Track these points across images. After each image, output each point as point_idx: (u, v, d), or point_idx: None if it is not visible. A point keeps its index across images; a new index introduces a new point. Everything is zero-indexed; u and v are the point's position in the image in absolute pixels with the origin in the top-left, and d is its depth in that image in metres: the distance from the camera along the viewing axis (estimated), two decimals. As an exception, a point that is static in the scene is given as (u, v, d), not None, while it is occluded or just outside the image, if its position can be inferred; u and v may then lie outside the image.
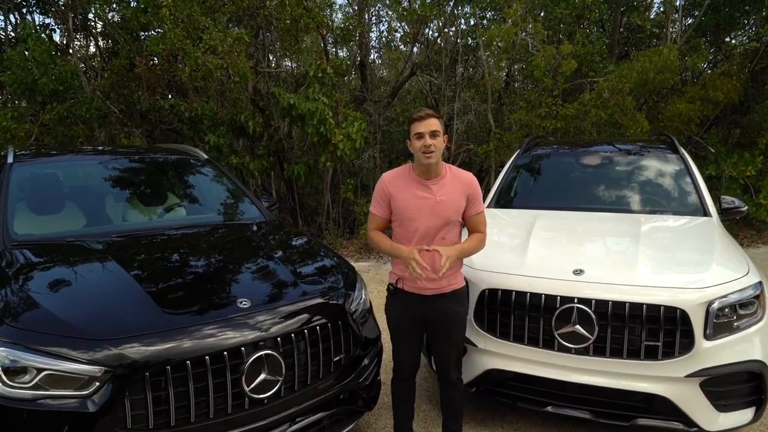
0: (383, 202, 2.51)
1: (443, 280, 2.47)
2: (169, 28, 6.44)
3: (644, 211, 3.74)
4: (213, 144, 7.02)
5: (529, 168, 4.55)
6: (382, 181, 2.52)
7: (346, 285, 2.83)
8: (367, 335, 2.86)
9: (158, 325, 2.10)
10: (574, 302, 2.66)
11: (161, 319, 2.13)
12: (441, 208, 2.41)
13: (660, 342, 2.55)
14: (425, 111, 2.39)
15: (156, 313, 2.16)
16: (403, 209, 2.44)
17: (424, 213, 2.41)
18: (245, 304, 2.32)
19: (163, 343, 2.05)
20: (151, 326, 2.09)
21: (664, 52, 7.37)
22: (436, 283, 2.46)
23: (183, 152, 4.15)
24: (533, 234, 3.29)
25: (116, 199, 3.43)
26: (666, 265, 2.81)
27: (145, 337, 2.04)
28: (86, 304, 2.19)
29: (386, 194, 2.48)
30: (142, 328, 2.07)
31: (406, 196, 2.44)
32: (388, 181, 2.50)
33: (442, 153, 2.44)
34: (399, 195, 2.45)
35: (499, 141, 8.50)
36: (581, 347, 2.65)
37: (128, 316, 2.12)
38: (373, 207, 2.56)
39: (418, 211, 2.41)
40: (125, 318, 2.11)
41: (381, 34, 11.62)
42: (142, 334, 2.05)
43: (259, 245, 2.97)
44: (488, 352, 2.90)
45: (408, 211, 2.42)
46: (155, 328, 2.08)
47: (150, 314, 2.15)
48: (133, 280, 2.36)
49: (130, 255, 2.67)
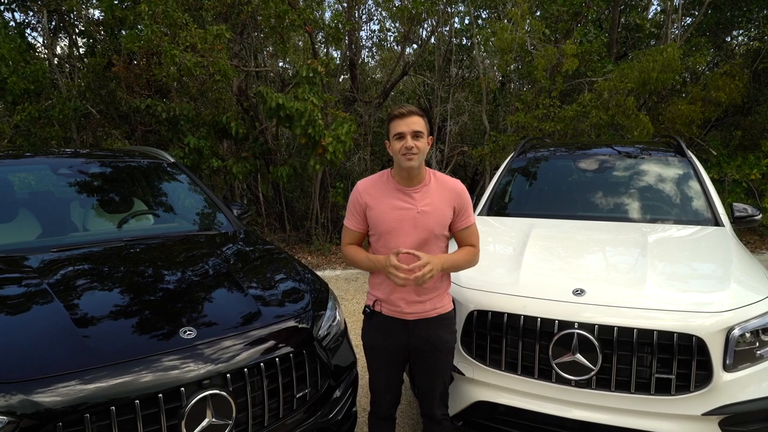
0: (358, 214, 2.20)
1: (427, 303, 2.16)
2: (145, 24, 6.10)
3: (650, 219, 3.41)
4: (193, 146, 6.67)
5: (524, 172, 4.22)
6: (356, 191, 2.20)
7: (316, 306, 2.48)
8: (339, 363, 2.52)
9: (79, 362, 1.75)
10: (574, 327, 2.32)
11: (84, 355, 1.78)
12: (424, 220, 2.10)
13: (673, 374, 2.22)
14: (407, 107, 2.07)
15: (78, 347, 1.81)
16: (381, 222, 2.12)
17: (405, 225, 2.09)
18: (190, 334, 1.98)
19: (82, 384, 1.70)
20: (69, 364, 1.74)
21: (668, 51, 7.06)
22: (419, 306, 2.14)
23: (146, 155, 3.80)
24: (528, 246, 2.95)
25: (62, 207, 3.09)
26: (678, 284, 2.48)
27: (61, 379, 1.69)
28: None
29: (361, 205, 2.18)
30: (59, 366, 1.73)
31: (384, 206, 2.12)
32: (363, 190, 2.18)
33: (426, 156, 2.11)
34: (375, 205, 2.14)
35: (494, 143, 8.18)
36: (583, 379, 2.31)
37: (43, 352, 1.77)
38: (347, 220, 2.26)
39: (397, 222, 2.10)
40: (39, 355, 1.76)
41: (372, 33, 11.31)
42: (58, 374, 1.70)
43: (217, 261, 2.62)
44: (477, 381, 2.56)
45: (386, 224, 2.11)
46: (75, 367, 1.73)
47: (71, 349, 1.80)
48: (60, 305, 2.02)
49: (64, 273, 2.31)
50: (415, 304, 2.14)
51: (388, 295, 2.16)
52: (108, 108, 7.68)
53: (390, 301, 2.17)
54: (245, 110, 7.88)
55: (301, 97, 6.53)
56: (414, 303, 2.14)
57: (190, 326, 2.01)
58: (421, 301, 2.14)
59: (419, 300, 2.14)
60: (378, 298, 2.20)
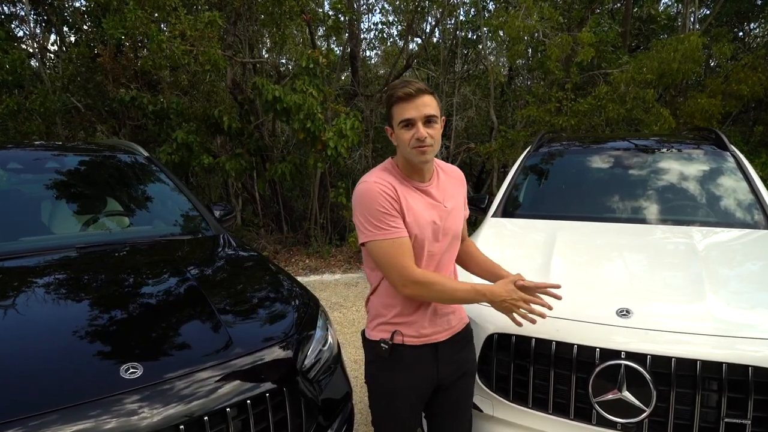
0: (399, 214, 1.57)
1: (451, 315, 1.72)
2: (129, 9, 5.66)
3: (694, 223, 2.95)
4: (182, 141, 6.23)
5: (544, 168, 3.75)
6: (380, 186, 1.56)
7: (302, 327, 2.05)
8: (331, 395, 2.08)
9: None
10: (620, 357, 1.87)
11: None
12: (452, 220, 1.69)
13: (748, 419, 1.76)
14: (414, 84, 1.54)
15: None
16: (421, 225, 1.60)
17: (438, 228, 1.65)
18: (134, 372, 1.54)
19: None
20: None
21: (690, 39, 6.58)
22: (443, 322, 1.70)
23: (118, 149, 3.37)
24: (555, 254, 2.50)
25: (14, 207, 2.65)
26: (747, 302, 2.02)
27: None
28: None
29: (397, 200, 1.57)
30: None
31: (418, 205, 1.61)
32: (387, 184, 1.57)
33: (440, 144, 1.64)
34: (410, 204, 1.60)
35: (503, 139, 7.71)
36: (632, 422, 1.86)
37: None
38: (384, 229, 1.55)
39: (432, 225, 1.63)
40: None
41: (375, 25, 10.87)
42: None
43: (184, 274, 2.18)
44: (497, 420, 2.11)
45: (427, 228, 1.61)
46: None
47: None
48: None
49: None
50: (440, 318, 1.68)
51: (408, 318, 1.66)
52: (95, 102, 7.26)
53: (412, 324, 1.66)
54: (240, 104, 7.44)
55: (299, 90, 6.09)
56: (438, 318, 1.68)
57: (135, 362, 1.57)
58: (445, 314, 1.70)
59: (444, 313, 1.69)
60: (398, 327, 1.66)
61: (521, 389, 2.06)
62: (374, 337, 1.69)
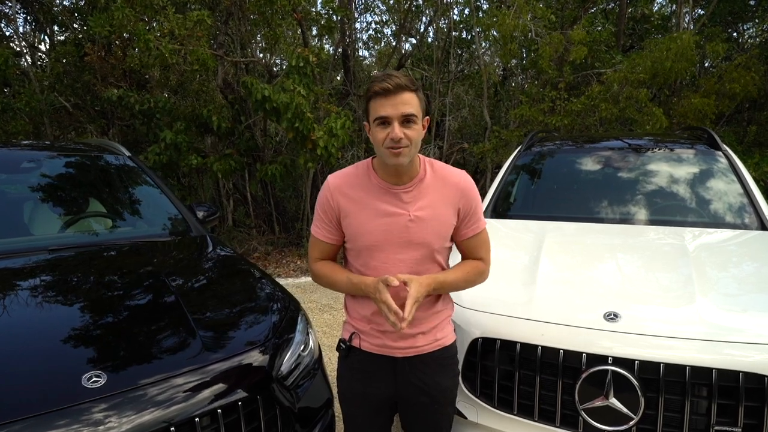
0: (330, 221, 1.60)
1: (419, 337, 1.59)
2: (117, 7, 5.58)
3: (684, 223, 2.90)
4: (170, 141, 6.14)
5: (534, 168, 3.70)
6: (326, 188, 1.60)
7: (280, 331, 1.98)
8: (310, 403, 2.01)
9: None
10: (607, 363, 1.81)
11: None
12: (418, 231, 1.52)
13: (739, 426, 1.71)
14: (393, 79, 1.42)
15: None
16: (361, 234, 1.54)
17: (393, 239, 1.53)
18: (96, 381, 1.47)
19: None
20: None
21: (683, 38, 6.54)
22: (409, 340, 1.58)
23: (99, 149, 3.29)
24: (543, 255, 2.44)
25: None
26: (739, 305, 1.97)
27: None
28: None
29: (333, 209, 1.58)
30: None
31: (366, 213, 1.54)
32: (335, 188, 1.58)
33: (419, 147, 1.52)
34: (354, 211, 1.55)
35: (497, 139, 7.66)
36: (620, 430, 1.80)
37: None
38: (315, 227, 1.65)
39: (383, 235, 1.52)
40: None
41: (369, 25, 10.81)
42: None
43: (159, 277, 2.10)
44: (482, 427, 2.05)
45: (368, 237, 1.53)
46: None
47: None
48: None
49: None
50: (406, 337, 1.59)
51: (368, 324, 1.60)
52: (84, 102, 7.16)
53: (369, 332, 1.61)
54: (231, 103, 7.36)
55: (288, 89, 6.01)
56: (402, 338, 1.58)
57: (98, 370, 1.50)
58: (411, 334, 1.58)
59: (410, 332, 1.58)
60: (357, 329, 1.63)
61: (506, 395, 2.00)
62: (341, 335, 1.69)
